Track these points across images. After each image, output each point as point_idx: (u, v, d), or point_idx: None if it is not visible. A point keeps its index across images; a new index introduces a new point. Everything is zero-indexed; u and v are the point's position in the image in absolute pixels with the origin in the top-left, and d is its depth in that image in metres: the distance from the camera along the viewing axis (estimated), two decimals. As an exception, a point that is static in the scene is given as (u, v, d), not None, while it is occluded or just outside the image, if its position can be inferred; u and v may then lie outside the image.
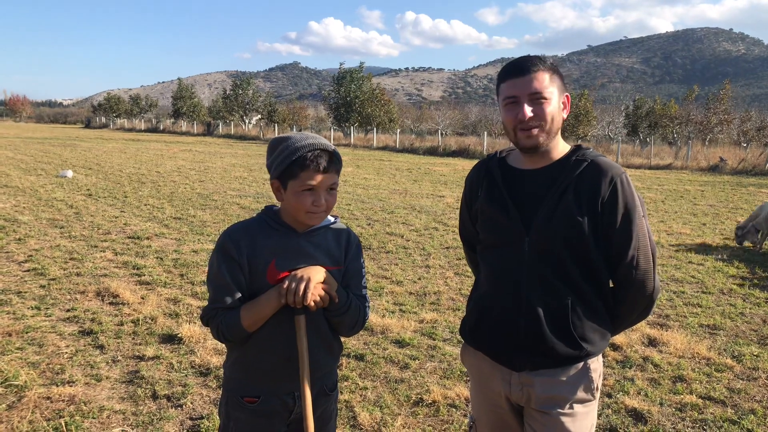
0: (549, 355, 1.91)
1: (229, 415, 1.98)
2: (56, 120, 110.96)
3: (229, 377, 2.01)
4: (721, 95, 37.22)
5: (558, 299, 1.90)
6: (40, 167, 19.29)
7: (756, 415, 3.81)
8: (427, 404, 3.87)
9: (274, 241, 1.91)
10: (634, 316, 2.02)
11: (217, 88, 79.98)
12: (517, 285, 1.93)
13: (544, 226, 1.88)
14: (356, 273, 2.03)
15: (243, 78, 59.86)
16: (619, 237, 1.86)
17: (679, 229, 10.66)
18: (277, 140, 1.92)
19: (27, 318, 5.23)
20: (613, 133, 47.31)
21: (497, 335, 2.00)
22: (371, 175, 19.76)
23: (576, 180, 1.87)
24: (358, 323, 2.00)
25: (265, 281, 1.88)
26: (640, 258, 1.87)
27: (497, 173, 2.01)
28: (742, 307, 6.14)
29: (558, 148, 1.96)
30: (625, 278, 1.91)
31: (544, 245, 1.89)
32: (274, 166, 1.88)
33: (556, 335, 1.90)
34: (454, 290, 6.47)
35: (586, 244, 1.87)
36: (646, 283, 1.90)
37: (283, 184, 1.88)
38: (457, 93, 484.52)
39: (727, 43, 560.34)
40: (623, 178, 1.87)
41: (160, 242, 8.54)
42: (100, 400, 3.81)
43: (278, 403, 1.96)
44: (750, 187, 17.99)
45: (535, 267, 1.91)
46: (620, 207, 1.85)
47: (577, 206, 1.85)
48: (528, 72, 1.86)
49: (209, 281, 1.92)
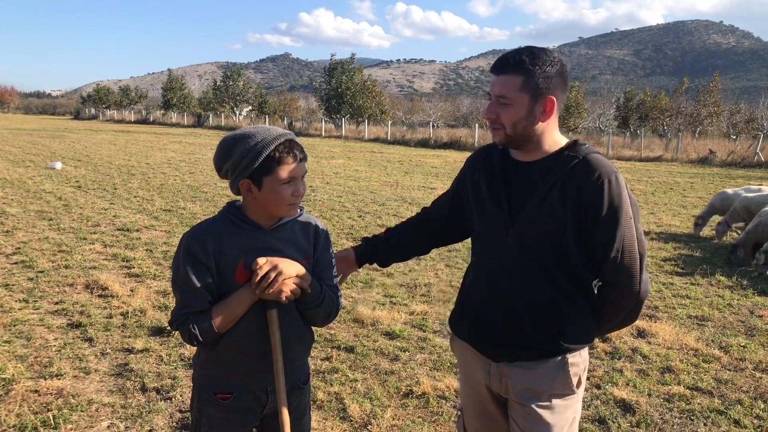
0: (526, 348, 1.92)
1: (202, 412, 1.95)
2: (45, 111, 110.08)
3: (201, 374, 1.96)
4: (711, 87, 37.44)
5: (538, 294, 1.90)
6: (29, 159, 19.12)
7: (743, 406, 3.85)
8: (417, 396, 3.87)
9: (241, 239, 1.86)
10: (620, 318, 1.98)
11: (208, 79, 79.54)
12: (500, 276, 1.94)
13: (528, 220, 1.87)
14: (327, 264, 2.02)
15: (233, 69, 59.55)
16: (602, 235, 1.83)
17: (668, 221, 10.72)
18: (233, 140, 1.83)
19: (15, 311, 5.19)
20: (604, 126, 47.46)
21: (478, 325, 2.01)
22: (362, 167, 19.72)
23: (564, 176, 1.84)
24: (332, 314, 2.00)
25: (233, 281, 1.85)
26: (625, 258, 1.83)
27: (496, 163, 2.00)
28: (729, 298, 6.19)
29: (549, 142, 1.91)
30: (610, 277, 1.89)
31: (526, 239, 1.88)
32: (241, 166, 1.80)
33: (534, 329, 1.90)
34: (445, 282, 6.48)
35: (569, 241, 1.85)
36: (631, 284, 1.87)
37: (256, 183, 1.81)
38: (449, 85, 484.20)
39: (717, 36, 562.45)
40: (612, 178, 1.81)
41: (150, 234, 8.49)
42: (88, 393, 3.79)
43: (251, 398, 1.94)
44: (739, 179, 18.09)
45: (517, 260, 1.90)
46: (605, 205, 1.80)
47: (561, 203, 1.82)
48: (501, 71, 1.84)
49: (176, 285, 1.85)
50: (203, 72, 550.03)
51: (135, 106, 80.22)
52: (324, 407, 3.69)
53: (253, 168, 1.79)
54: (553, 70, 1.83)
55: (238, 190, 1.86)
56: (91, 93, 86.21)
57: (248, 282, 1.85)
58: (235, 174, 1.83)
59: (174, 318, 1.84)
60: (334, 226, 9.35)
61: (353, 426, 3.51)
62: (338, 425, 3.49)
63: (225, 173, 1.85)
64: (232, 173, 1.83)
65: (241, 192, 1.86)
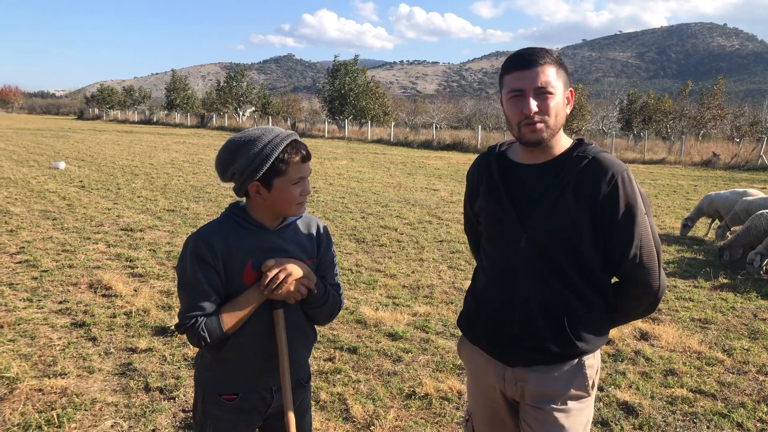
0: (543, 352, 1.90)
1: (206, 414, 1.95)
2: (49, 111, 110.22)
3: (207, 376, 1.96)
4: (714, 90, 37.37)
5: (554, 296, 1.88)
6: (33, 158, 19.18)
7: (746, 409, 3.85)
8: (419, 397, 3.88)
9: (247, 241, 1.86)
10: (638, 312, 2.00)
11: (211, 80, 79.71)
12: (514, 281, 1.91)
13: (542, 223, 1.84)
14: (330, 263, 2.05)
15: (237, 70, 59.67)
16: (621, 235, 1.82)
17: (672, 223, 10.70)
18: (241, 143, 1.82)
19: (19, 310, 5.21)
20: (607, 128, 47.37)
21: (492, 330, 1.99)
22: (365, 168, 19.73)
23: (576, 177, 1.82)
24: (334, 312, 2.03)
25: (240, 282, 1.85)
26: (644, 256, 1.83)
27: (494, 168, 1.98)
28: (733, 301, 6.18)
29: (560, 143, 1.90)
30: (629, 276, 1.88)
31: (541, 242, 1.86)
32: (249, 170, 1.80)
33: (551, 332, 1.88)
34: (448, 283, 6.48)
35: (585, 243, 1.84)
36: (650, 281, 1.87)
37: (265, 185, 1.83)
38: (452, 86, 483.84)
39: (721, 39, 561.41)
40: (624, 176, 1.81)
41: (153, 234, 8.51)
42: (92, 392, 3.80)
43: (257, 398, 1.95)
44: (742, 182, 18.05)
45: (532, 264, 1.88)
46: (621, 205, 1.79)
47: (576, 204, 1.81)
48: (535, 65, 1.78)
49: (184, 288, 1.83)
50: (207, 73, 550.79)
51: (138, 107, 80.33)
52: (327, 408, 3.70)
53: (263, 171, 1.80)
54: (565, 66, 1.88)
55: (246, 193, 1.87)
56: (94, 93, 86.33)
57: (256, 283, 1.86)
58: (243, 177, 1.83)
59: (182, 322, 1.82)
60: (337, 228, 9.35)
61: (356, 427, 3.51)
62: (341, 426, 3.50)
63: (230, 177, 1.85)
64: (240, 176, 1.83)
65: (250, 194, 1.86)
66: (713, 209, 9.61)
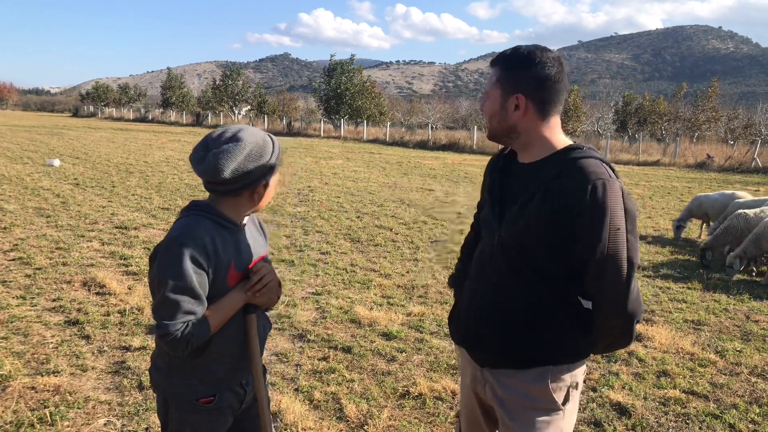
0: (506, 355, 1.86)
1: (184, 420, 1.91)
2: (43, 108, 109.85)
3: (181, 384, 1.89)
4: (709, 93, 37.56)
5: (511, 300, 1.83)
6: (27, 155, 19.09)
7: (738, 410, 3.87)
8: (413, 397, 3.88)
9: (227, 241, 1.85)
10: (612, 337, 1.80)
11: (207, 78, 79.48)
12: (485, 279, 1.90)
13: (510, 224, 1.80)
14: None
15: (233, 68, 59.45)
16: (580, 245, 1.70)
17: (665, 225, 10.74)
18: (260, 145, 1.81)
19: (12, 307, 5.19)
20: (602, 129, 47.48)
21: (464, 328, 1.97)
22: (361, 167, 19.72)
23: (550, 180, 1.74)
24: None
25: (224, 284, 1.84)
26: (608, 267, 1.67)
27: (499, 163, 1.99)
28: (726, 303, 6.21)
29: (546, 144, 1.82)
30: (594, 292, 1.75)
31: (507, 242, 1.82)
32: (266, 169, 1.82)
33: (509, 336, 1.83)
34: (442, 284, 6.48)
35: (540, 247, 1.76)
36: (617, 301, 1.70)
37: (266, 185, 1.87)
38: (448, 87, 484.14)
39: (716, 41, 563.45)
40: (598, 184, 1.66)
41: (148, 232, 8.49)
42: (85, 390, 3.79)
43: (232, 395, 1.97)
44: (736, 184, 18.12)
45: (499, 264, 1.85)
46: (584, 213, 1.66)
47: (540, 207, 1.73)
48: (492, 65, 1.88)
49: (176, 292, 1.72)
50: (202, 71, 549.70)
51: (134, 104, 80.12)
52: (321, 407, 3.70)
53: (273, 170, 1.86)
54: (529, 69, 1.77)
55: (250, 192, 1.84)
56: (90, 90, 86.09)
57: (239, 284, 1.88)
58: (258, 177, 1.81)
59: (174, 328, 1.72)
60: (332, 227, 9.35)
61: (350, 426, 3.51)
62: (335, 425, 3.50)
63: (233, 179, 1.76)
64: (246, 179, 1.79)
65: (254, 193, 1.85)
66: (702, 211, 9.65)
